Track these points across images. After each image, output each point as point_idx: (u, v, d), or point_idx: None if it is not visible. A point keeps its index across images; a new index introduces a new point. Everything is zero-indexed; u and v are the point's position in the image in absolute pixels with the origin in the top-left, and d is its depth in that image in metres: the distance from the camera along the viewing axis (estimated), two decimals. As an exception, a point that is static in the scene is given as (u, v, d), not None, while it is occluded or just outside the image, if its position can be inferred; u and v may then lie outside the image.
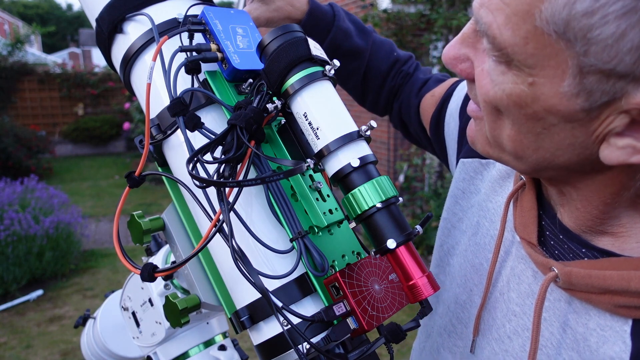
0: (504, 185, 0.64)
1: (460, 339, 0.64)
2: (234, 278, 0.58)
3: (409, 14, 4.87)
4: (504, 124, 0.46)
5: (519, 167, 0.49)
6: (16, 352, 3.18)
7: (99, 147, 10.29)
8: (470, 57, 0.48)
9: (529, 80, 0.41)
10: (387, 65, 0.86)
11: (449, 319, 0.66)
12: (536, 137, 0.44)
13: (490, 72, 0.44)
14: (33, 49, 15.97)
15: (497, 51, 0.41)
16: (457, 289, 0.66)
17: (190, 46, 0.55)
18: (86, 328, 1.00)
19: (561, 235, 0.53)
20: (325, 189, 0.60)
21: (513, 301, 0.56)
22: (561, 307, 0.51)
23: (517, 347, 0.55)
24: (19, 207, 4.03)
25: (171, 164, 0.63)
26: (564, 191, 0.51)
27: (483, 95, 0.45)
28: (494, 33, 0.41)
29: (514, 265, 0.58)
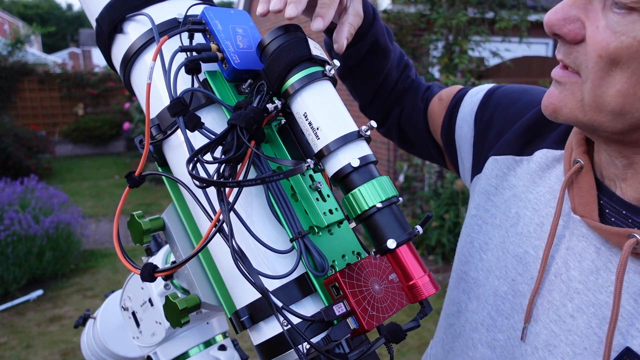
0: (544, 176, 0.66)
1: (500, 332, 0.64)
2: (234, 278, 0.58)
3: (409, 14, 4.87)
4: (614, 79, 0.48)
5: (614, 126, 0.51)
6: (16, 352, 3.18)
7: (99, 147, 10.29)
8: (580, 18, 0.50)
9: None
10: (399, 70, 0.87)
11: (487, 312, 0.67)
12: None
13: (611, 25, 0.47)
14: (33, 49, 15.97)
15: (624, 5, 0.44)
16: (495, 281, 0.66)
17: (191, 46, 0.55)
18: (86, 328, 1.00)
19: (624, 210, 0.55)
20: (325, 189, 0.60)
21: (575, 279, 0.57)
22: (632, 279, 0.52)
23: (582, 325, 0.55)
24: (19, 207, 4.04)
25: (171, 164, 0.63)
26: (635, 160, 0.53)
27: (599, 50, 0.48)
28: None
29: (570, 245, 0.59)
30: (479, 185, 0.75)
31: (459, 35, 4.50)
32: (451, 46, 4.57)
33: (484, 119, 0.76)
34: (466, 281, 0.72)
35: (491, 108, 0.76)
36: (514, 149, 0.70)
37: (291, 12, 0.54)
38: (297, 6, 0.54)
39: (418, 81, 0.90)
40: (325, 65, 0.55)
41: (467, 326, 0.70)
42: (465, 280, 0.72)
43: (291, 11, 0.54)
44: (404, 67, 0.88)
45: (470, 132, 0.78)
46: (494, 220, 0.70)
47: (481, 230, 0.72)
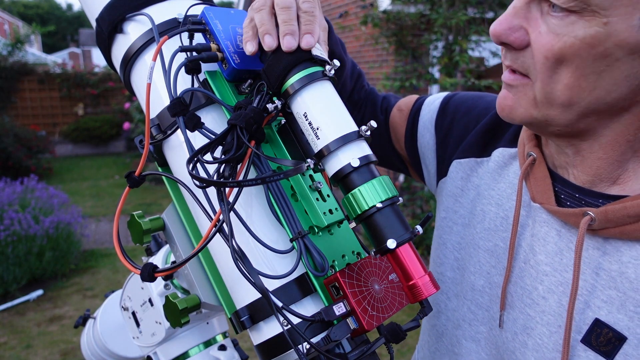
0: (502, 173, 0.70)
1: (482, 324, 0.67)
2: (234, 278, 0.58)
3: (409, 14, 4.87)
4: (561, 76, 0.53)
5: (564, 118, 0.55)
6: (16, 352, 3.18)
7: (99, 147, 10.29)
8: (523, 26, 0.55)
9: (603, 21, 0.48)
10: (353, 80, 0.88)
11: (467, 307, 0.69)
12: (598, 76, 0.51)
13: (552, 29, 0.52)
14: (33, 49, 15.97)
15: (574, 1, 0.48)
16: (471, 277, 0.69)
17: (191, 46, 0.55)
18: (86, 328, 1.00)
19: (577, 194, 0.60)
20: (325, 189, 0.60)
21: (542, 262, 0.61)
22: (590, 255, 0.57)
23: (553, 304, 0.59)
24: (19, 207, 4.03)
25: (171, 164, 0.63)
26: (582, 147, 0.58)
27: (545, 52, 0.52)
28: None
29: (534, 232, 0.62)
30: (445, 189, 0.78)
31: (459, 35, 4.50)
32: (451, 46, 4.57)
33: (444, 125, 0.80)
34: (443, 282, 0.75)
35: (450, 115, 0.80)
36: (475, 151, 0.75)
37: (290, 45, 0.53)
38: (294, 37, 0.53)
39: (372, 91, 0.92)
40: (325, 65, 0.55)
41: (448, 325, 0.73)
42: (442, 281, 0.75)
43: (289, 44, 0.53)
44: (357, 76, 0.89)
45: (432, 139, 0.81)
46: (463, 220, 0.74)
47: (452, 231, 0.75)
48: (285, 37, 0.53)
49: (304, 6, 0.55)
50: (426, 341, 0.79)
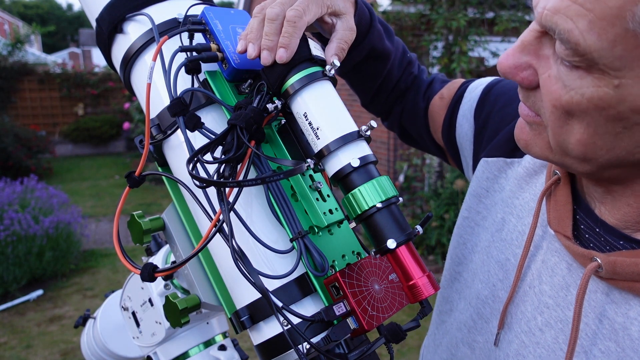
0: (530, 182, 0.65)
1: (480, 334, 0.65)
2: (234, 278, 0.58)
3: (409, 14, 4.87)
4: (572, 129, 0.46)
5: (582, 169, 0.49)
6: (16, 352, 3.18)
7: (99, 147, 10.29)
8: (532, 65, 0.47)
9: (614, 83, 0.41)
10: (401, 69, 0.85)
11: (469, 314, 0.67)
12: (614, 137, 0.44)
13: (561, 77, 0.44)
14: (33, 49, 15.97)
15: (579, 56, 0.41)
16: (479, 285, 0.67)
17: (191, 46, 0.55)
18: (86, 328, 1.00)
19: (597, 228, 0.54)
20: (325, 189, 0.60)
21: (545, 294, 0.57)
22: (598, 299, 0.52)
23: (549, 339, 0.55)
24: (19, 207, 4.03)
25: (171, 164, 0.63)
26: (614, 189, 0.52)
27: (553, 101, 0.45)
28: (577, 39, 0.40)
29: (545, 259, 0.58)
30: (470, 187, 0.75)
31: (458, 35, 4.50)
32: (451, 47, 4.57)
33: (482, 115, 0.75)
34: (459, 281, 0.73)
35: (489, 105, 0.75)
36: (505, 150, 0.70)
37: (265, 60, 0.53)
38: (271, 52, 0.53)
39: (420, 77, 0.88)
40: (325, 65, 0.55)
41: (454, 325, 0.71)
42: (459, 280, 0.73)
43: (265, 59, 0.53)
44: (406, 64, 0.86)
45: (471, 129, 0.76)
46: (484, 222, 0.70)
47: (473, 232, 0.72)
48: (263, 51, 0.53)
49: (289, 14, 0.53)
50: (433, 332, 0.79)
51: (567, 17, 0.40)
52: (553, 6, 0.41)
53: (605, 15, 0.38)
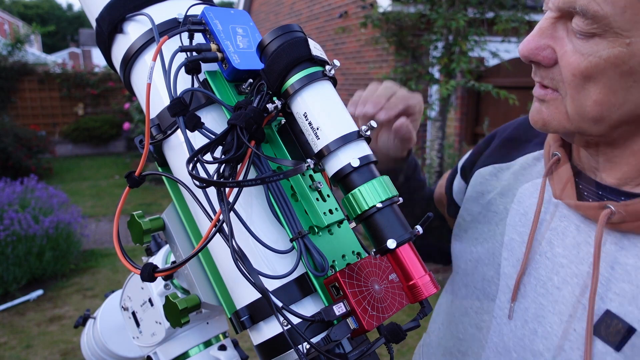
0: (526, 173, 0.73)
1: (486, 313, 0.70)
2: (234, 278, 0.58)
3: (409, 14, 4.87)
4: (589, 92, 0.54)
5: (596, 130, 0.57)
6: (16, 352, 3.18)
7: (99, 147, 10.29)
8: (550, 45, 0.57)
9: (626, 42, 0.50)
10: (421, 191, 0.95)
11: (475, 297, 0.72)
12: (626, 91, 0.53)
13: (578, 49, 0.53)
14: (33, 49, 15.97)
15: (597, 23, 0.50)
16: (483, 268, 0.72)
17: (191, 46, 0.55)
18: (86, 328, 1.00)
19: (600, 192, 0.62)
20: (325, 189, 0.60)
21: (559, 255, 0.63)
22: (608, 249, 0.59)
23: (567, 295, 0.61)
24: (19, 207, 4.03)
25: (171, 164, 0.63)
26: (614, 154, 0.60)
27: (572, 70, 0.54)
28: (595, 9, 0.50)
29: (553, 226, 0.65)
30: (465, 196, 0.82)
31: (458, 35, 4.50)
32: (451, 46, 4.57)
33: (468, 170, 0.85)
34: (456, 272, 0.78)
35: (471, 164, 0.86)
36: (496, 158, 0.78)
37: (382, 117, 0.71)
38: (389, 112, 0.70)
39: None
40: (325, 65, 0.55)
41: (457, 311, 0.75)
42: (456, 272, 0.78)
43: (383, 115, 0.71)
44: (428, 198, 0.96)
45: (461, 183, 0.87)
46: (483, 218, 0.76)
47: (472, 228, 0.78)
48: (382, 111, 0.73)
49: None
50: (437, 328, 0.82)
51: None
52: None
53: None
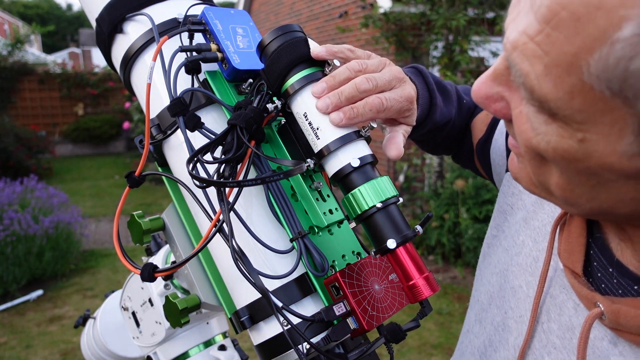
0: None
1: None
2: (234, 278, 0.58)
3: (409, 14, 4.87)
4: (550, 171, 0.41)
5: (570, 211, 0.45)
6: (16, 352, 3.18)
7: (99, 147, 10.29)
8: (505, 97, 0.42)
9: (578, 136, 0.35)
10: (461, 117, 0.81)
11: (483, 340, 0.65)
12: (591, 188, 0.39)
13: (530, 117, 0.39)
14: (33, 49, 15.97)
15: (537, 102, 0.37)
16: (495, 310, 0.64)
17: (191, 46, 0.55)
18: (86, 328, 1.00)
19: (611, 268, 0.48)
20: (325, 189, 0.60)
21: (554, 333, 0.53)
22: (604, 347, 0.47)
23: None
24: (19, 207, 4.03)
25: (171, 164, 0.63)
26: (626, 229, 0.46)
27: (524, 141, 0.41)
28: (532, 84, 0.35)
29: (555, 294, 0.54)
30: (497, 202, 0.71)
31: (459, 35, 4.50)
32: (451, 46, 4.57)
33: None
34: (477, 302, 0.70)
35: None
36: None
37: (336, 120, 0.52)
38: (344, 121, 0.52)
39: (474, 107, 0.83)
40: (325, 65, 0.55)
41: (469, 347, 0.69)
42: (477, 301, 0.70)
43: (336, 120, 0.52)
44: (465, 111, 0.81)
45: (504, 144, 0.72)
46: (505, 242, 0.67)
47: (495, 252, 0.69)
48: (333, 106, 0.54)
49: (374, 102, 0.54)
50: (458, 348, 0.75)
51: (525, 57, 0.35)
52: (513, 40, 0.36)
53: (561, 62, 0.33)
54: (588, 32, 0.31)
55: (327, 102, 0.52)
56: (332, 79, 0.53)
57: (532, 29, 0.34)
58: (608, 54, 0.30)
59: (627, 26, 0.29)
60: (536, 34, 0.34)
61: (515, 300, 0.60)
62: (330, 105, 0.52)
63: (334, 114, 0.52)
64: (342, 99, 0.52)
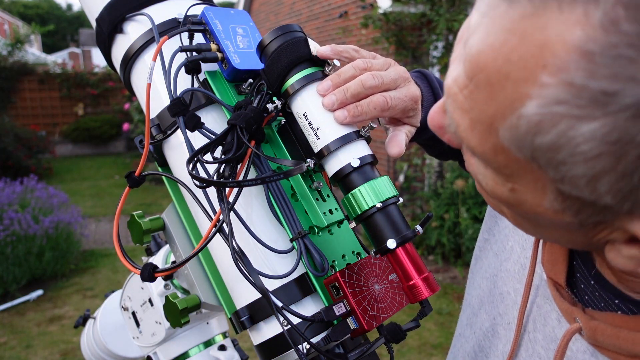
0: None
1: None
2: (234, 278, 0.58)
3: (409, 14, 4.87)
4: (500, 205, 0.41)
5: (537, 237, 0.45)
6: (16, 352, 3.18)
7: (99, 147, 10.29)
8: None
9: (508, 186, 0.36)
10: None
11: (472, 344, 0.65)
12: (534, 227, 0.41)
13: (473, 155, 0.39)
14: (33, 49, 15.97)
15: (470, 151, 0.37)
16: (484, 315, 0.64)
17: (191, 46, 0.55)
18: (86, 328, 1.00)
19: (592, 280, 0.48)
20: (325, 189, 0.60)
21: (538, 342, 0.53)
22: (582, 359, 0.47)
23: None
24: (19, 207, 4.03)
25: (171, 164, 0.63)
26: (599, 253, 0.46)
27: (472, 174, 0.41)
28: (462, 135, 0.35)
29: (540, 304, 0.54)
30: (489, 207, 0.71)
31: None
32: (451, 47, 4.57)
33: None
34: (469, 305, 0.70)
35: None
36: None
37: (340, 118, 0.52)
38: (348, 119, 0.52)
39: None
40: (325, 65, 0.55)
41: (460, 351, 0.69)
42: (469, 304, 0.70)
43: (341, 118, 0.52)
44: None
45: None
46: (496, 246, 0.67)
47: (486, 256, 0.69)
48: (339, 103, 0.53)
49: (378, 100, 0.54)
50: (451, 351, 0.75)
51: (456, 106, 0.35)
52: (448, 86, 0.36)
53: (482, 121, 0.33)
54: (500, 99, 0.31)
55: (332, 98, 0.52)
56: (338, 77, 0.53)
57: (460, 80, 0.34)
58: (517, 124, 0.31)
59: (530, 104, 0.29)
60: (463, 87, 0.34)
61: (504, 307, 0.60)
62: (335, 102, 0.52)
63: (338, 111, 0.52)
64: (347, 96, 0.52)
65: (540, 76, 0.28)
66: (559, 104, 0.28)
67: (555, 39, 0.28)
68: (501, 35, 0.30)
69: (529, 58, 0.29)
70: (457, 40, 0.37)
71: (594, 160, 0.29)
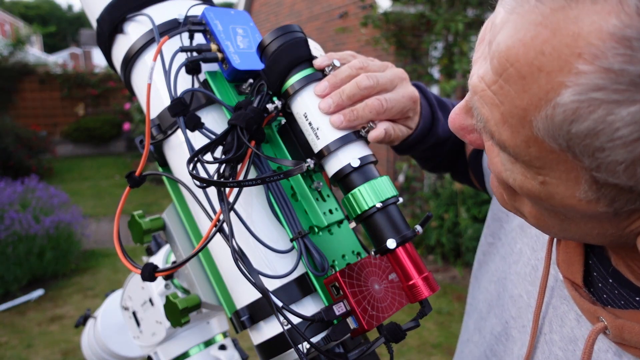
0: None
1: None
2: (234, 278, 0.58)
3: (409, 14, 4.87)
4: (523, 200, 0.42)
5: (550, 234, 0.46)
6: (17, 352, 3.18)
7: (99, 147, 10.30)
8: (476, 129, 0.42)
9: (539, 179, 0.36)
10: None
11: (484, 349, 0.64)
12: (560, 222, 0.41)
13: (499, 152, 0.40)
14: (34, 50, 15.99)
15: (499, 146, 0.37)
16: (494, 319, 0.63)
17: (191, 46, 0.55)
18: (87, 328, 1.00)
19: (611, 279, 0.47)
20: (325, 189, 0.60)
21: (556, 344, 0.52)
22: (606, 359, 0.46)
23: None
24: (20, 207, 4.04)
25: (171, 164, 0.63)
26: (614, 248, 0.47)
27: (495, 173, 0.42)
28: (492, 130, 0.36)
29: (556, 305, 0.53)
30: (491, 209, 0.71)
31: (458, 36, 4.50)
32: (451, 47, 4.57)
33: None
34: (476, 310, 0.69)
35: None
36: None
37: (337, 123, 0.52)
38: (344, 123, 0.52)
39: None
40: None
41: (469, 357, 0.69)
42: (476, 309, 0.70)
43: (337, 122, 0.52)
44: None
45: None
46: (503, 250, 0.66)
47: (493, 260, 0.68)
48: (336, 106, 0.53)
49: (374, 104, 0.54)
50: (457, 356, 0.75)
51: (485, 103, 0.36)
52: (473, 85, 0.37)
53: (514, 114, 0.34)
54: (533, 91, 0.31)
55: (329, 102, 0.52)
56: (334, 77, 0.53)
57: (488, 77, 0.34)
58: (552, 114, 0.31)
59: (565, 92, 0.30)
60: (492, 83, 0.34)
61: (516, 310, 0.59)
62: (332, 105, 0.52)
63: (334, 116, 0.52)
64: (343, 98, 0.52)
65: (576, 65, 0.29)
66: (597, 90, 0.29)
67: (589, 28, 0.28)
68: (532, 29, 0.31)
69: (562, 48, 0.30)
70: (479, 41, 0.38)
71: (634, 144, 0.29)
